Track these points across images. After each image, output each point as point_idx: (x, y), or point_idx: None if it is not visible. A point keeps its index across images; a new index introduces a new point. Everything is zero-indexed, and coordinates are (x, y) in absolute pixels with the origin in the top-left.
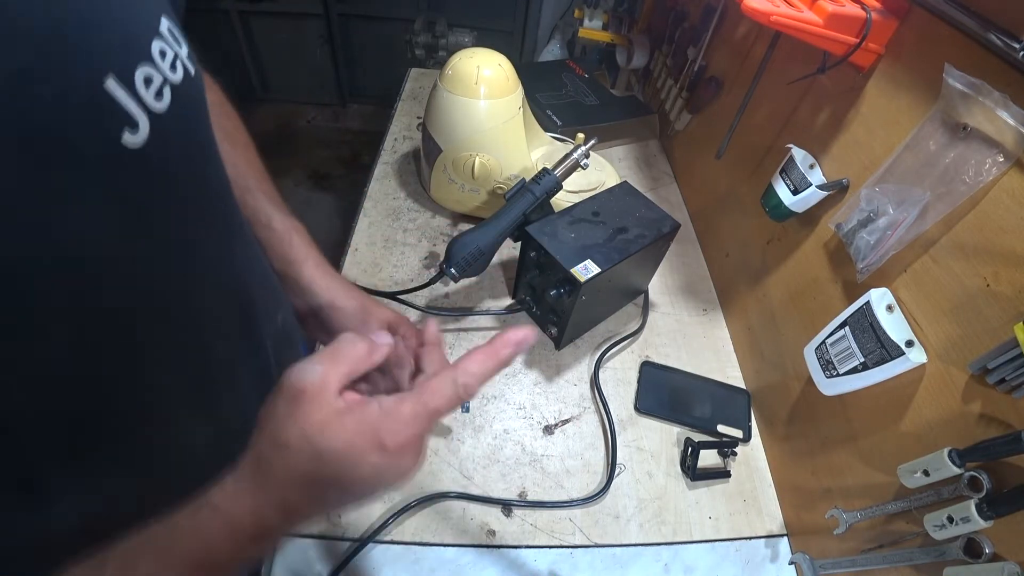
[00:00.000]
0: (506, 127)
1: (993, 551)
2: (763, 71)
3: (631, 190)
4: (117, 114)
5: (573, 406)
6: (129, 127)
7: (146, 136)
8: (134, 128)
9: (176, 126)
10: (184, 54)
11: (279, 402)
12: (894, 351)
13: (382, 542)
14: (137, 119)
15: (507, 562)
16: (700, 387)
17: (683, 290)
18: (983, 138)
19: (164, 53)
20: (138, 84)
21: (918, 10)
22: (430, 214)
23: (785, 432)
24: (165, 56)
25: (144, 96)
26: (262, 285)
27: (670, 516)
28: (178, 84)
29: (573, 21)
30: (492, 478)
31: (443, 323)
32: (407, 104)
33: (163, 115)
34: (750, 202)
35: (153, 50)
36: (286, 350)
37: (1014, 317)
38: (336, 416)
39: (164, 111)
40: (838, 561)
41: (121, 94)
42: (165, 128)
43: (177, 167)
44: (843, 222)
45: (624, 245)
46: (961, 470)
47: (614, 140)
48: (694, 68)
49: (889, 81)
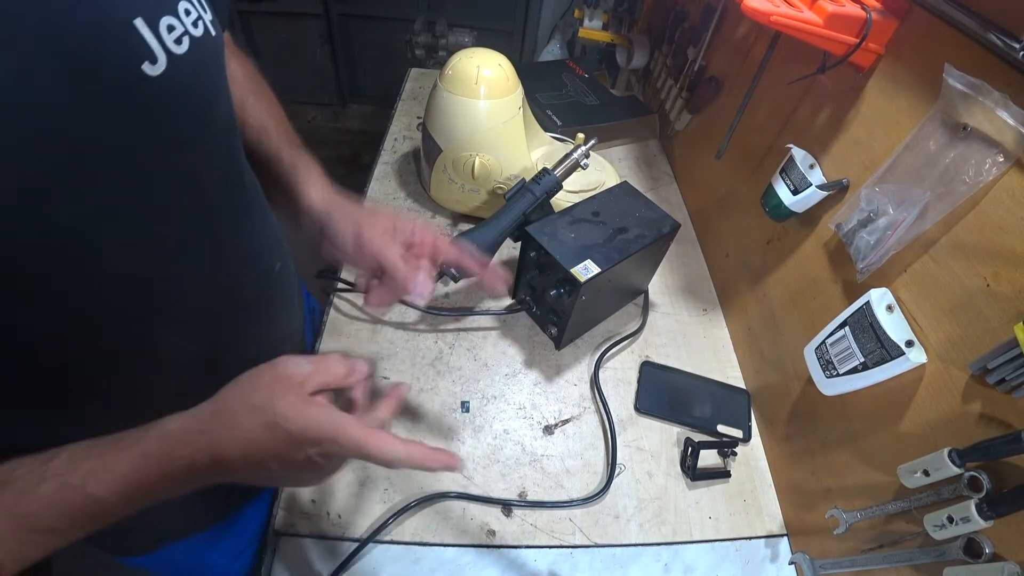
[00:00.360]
0: (506, 127)
1: (993, 551)
2: (763, 71)
3: (631, 190)
4: (141, 47)
5: (573, 406)
6: (149, 60)
7: (163, 69)
8: (154, 61)
9: (191, 68)
10: (208, 19)
11: (265, 374)
12: (894, 351)
13: (382, 542)
14: (157, 55)
15: (507, 562)
16: (700, 387)
17: (683, 290)
18: (983, 138)
19: (188, 12)
20: (162, 29)
21: (918, 10)
22: (430, 214)
23: (785, 432)
24: (189, 14)
25: (165, 39)
26: (261, 229)
27: (670, 516)
28: (197, 37)
29: (573, 21)
30: (492, 478)
31: (443, 323)
32: (407, 104)
33: (180, 56)
34: (750, 202)
35: (179, 8)
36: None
37: (1014, 317)
38: (302, 404)
39: (182, 54)
40: (838, 561)
41: (147, 33)
42: (181, 67)
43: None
44: (843, 222)
45: (624, 245)
46: (961, 470)
47: (614, 140)
48: (694, 68)
49: (889, 81)
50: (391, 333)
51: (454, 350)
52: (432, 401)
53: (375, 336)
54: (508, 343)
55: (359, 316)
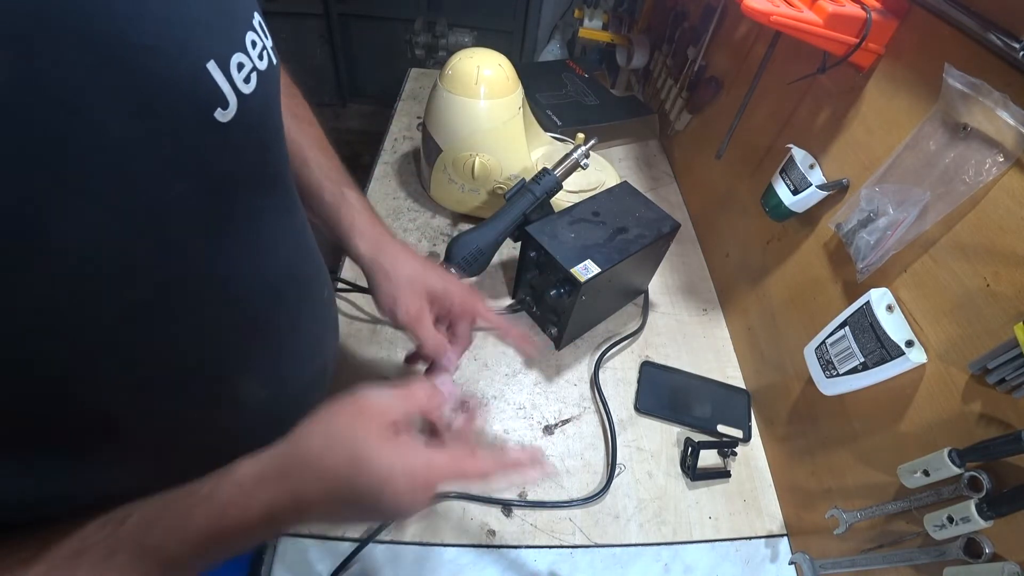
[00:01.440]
0: (506, 127)
1: (993, 551)
2: (763, 71)
3: (631, 190)
4: (213, 93)
5: (573, 406)
6: (221, 106)
7: (233, 114)
8: (225, 107)
9: (257, 108)
10: (269, 45)
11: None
12: (894, 351)
13: (382, 542)
14: (229, 99)
15: (507, 562)
16: (700, 387)
17: (683, 290)
18: (983, 138)
19: (255, 43)
20: (232, 68)
21: (918, 10)
22: (430, 214)
23: (785, 432)
24: (255, 46)
25: (236, 79)
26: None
27: (670, 516)
28: (263, 71)
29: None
30: None
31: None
32: (407, 104)
33: (248, 96)
34: (750, 202)
35: (247, 40)
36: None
37: (1014, 317)
38: (387, 442)
39: (250, 94)
40: (838, 561)
41: (219, 76)
42: (249, 108)
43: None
44: (843, 222)
45: (624, 245)
46: (961, 470)
47: (614, 140)
48: (694, 68)
49: (889, 81)
50: (391, 333)
51: None
52: None
53: (375, 336)
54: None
55: (359, 316)
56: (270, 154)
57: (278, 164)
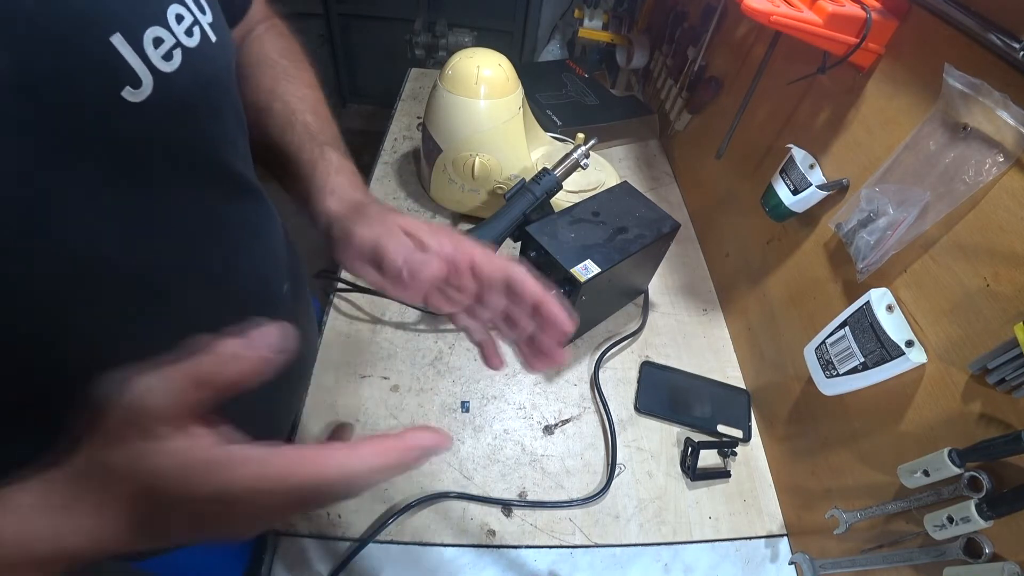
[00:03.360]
0: (506, 127)
1: (993, 551)
2: (763, 71)
3: (631, 190)
4: (120, 69)
5: (573, 406)
6: (131, 84)
7: (148, 93)
8: (136, 85)
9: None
10: (206, 21)
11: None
12: (894, 351)
13: (382, 542)
14: (141, 77)
15: (507, 562)
16: (700, 387)
17: (683, 290)
18: (983, 138)
19: (181, 18)
20: (146, 44)
21: (918, 10)
22: (430, 214)
23: (785, 432)
24: (182, 21)
25: (151, 55)
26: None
27: (670, 516)
28: (192, 48)
29: (573, 21)
30: (492, 478)
31: (443, 323)
32: (407, 104)
33: (170, 76)
34: (750, 202)
35: (169, 14)
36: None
37: (1014, 317)
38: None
39: (172, 72)
40: (838, 561)
41: (127, 51)
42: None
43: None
44: (843, 222)
45: (624, 245)
46: (961, 470)
47: (614, 140)
48: (694, 68)
49: (889, 81)
50: (391, 333)
51: (454, 350)
52: (432, 401)
53: (375, 336)
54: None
55: (359, 316)
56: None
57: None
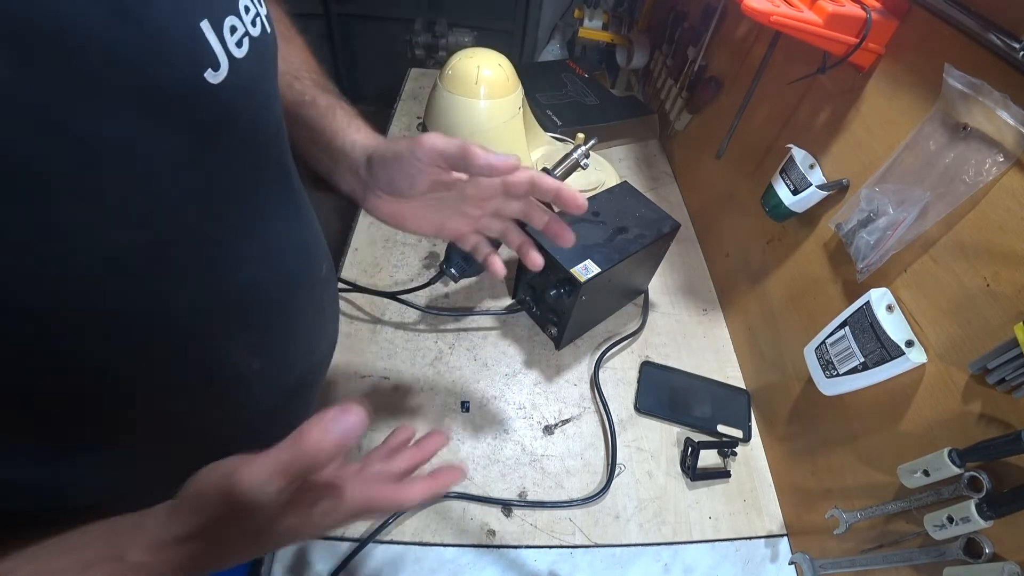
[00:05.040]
0: (506, 127)
1: (993, 551)
2: (763, 71)
3: (631, 190)
4: (205, 53)
5: (573, 406)
6: (212, 67)
7: (224, 76)
8: (216, 68)
9: (249, 74)
10: (264, 13)
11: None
12: (894, 351)
13: (382, 542)
14: (220, 61)
15: (507, 562)
16: (700, 387)
17: (683, 290)
18: (983, 138)
19: (248, 9)
20: (225, 31)
21: (918, 10)
22: None
23: (785, 432)
24: (248, 12)
25: (228, 41)
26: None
27: (670, 516)
28: (256, 38)
29: (573, 21)
30: (492, 478)
31: (443, 323)
32: (407, 104)
33: (240, 61)
34: (750, 202)
35: (240, 4)
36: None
37: (1014, 317)
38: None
39: (242, 58)
40: (838, 561)
41: (212, 36)
42: (240, 73)
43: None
44: (843, 222)
45: (624, 245)
46: (961, 470)
47: (614, 140)
48: (694, 68)
49: (889, 81)
50: (391, 333)
51: (454, 350)
52: (432, 401)
53: (375, 336)
54: (508, 343)
55: (359, 316)
56: (260, 123)
57: (270, 135)
